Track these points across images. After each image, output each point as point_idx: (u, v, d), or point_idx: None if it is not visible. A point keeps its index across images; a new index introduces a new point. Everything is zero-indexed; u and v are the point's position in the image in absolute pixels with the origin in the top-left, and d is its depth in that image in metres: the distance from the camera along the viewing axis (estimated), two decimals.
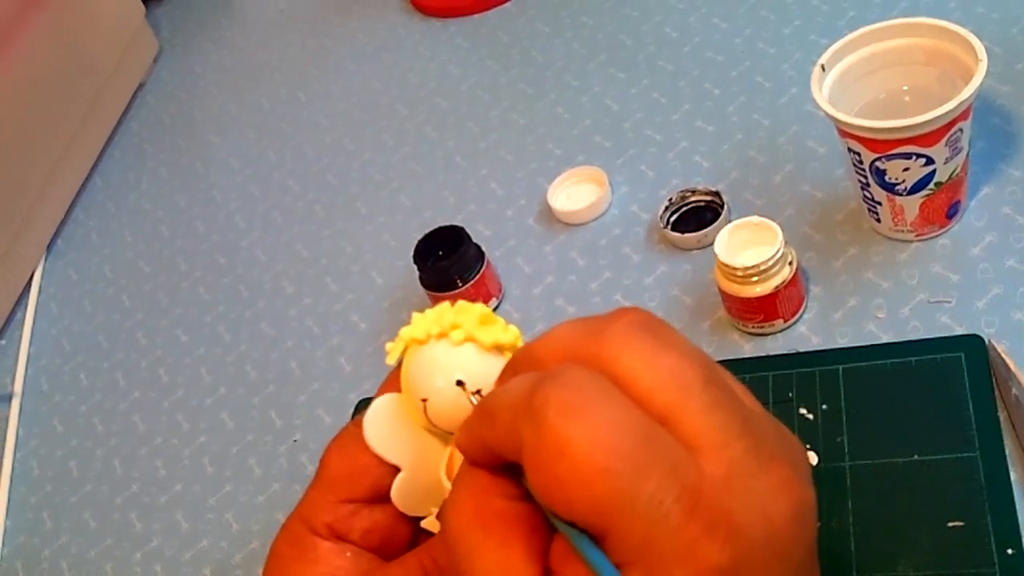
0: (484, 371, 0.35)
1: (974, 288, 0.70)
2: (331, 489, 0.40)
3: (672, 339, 0.32)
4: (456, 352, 0.37)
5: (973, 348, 0.66)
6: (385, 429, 0.39)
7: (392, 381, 0.40)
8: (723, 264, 0.71)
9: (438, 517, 0.40)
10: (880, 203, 0.73)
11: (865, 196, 0.73)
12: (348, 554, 0.39)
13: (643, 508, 0.28)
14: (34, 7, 1.17)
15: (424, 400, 0.37)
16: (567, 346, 0.32)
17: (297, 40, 1.31)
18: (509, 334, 0.37)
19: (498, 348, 0.37)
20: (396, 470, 0.39)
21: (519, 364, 0.34)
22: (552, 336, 0.33)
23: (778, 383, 0.69)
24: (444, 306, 0.38)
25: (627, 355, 0.31)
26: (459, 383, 0.36)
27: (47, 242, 1.17)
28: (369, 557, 0.39)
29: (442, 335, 0.37)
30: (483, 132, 1.03)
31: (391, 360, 0.39)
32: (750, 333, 0.74)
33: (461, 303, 0.38)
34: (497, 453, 0.32)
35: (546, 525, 0.32)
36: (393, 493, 0.39)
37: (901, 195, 0.71)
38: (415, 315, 0.39)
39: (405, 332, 0.38)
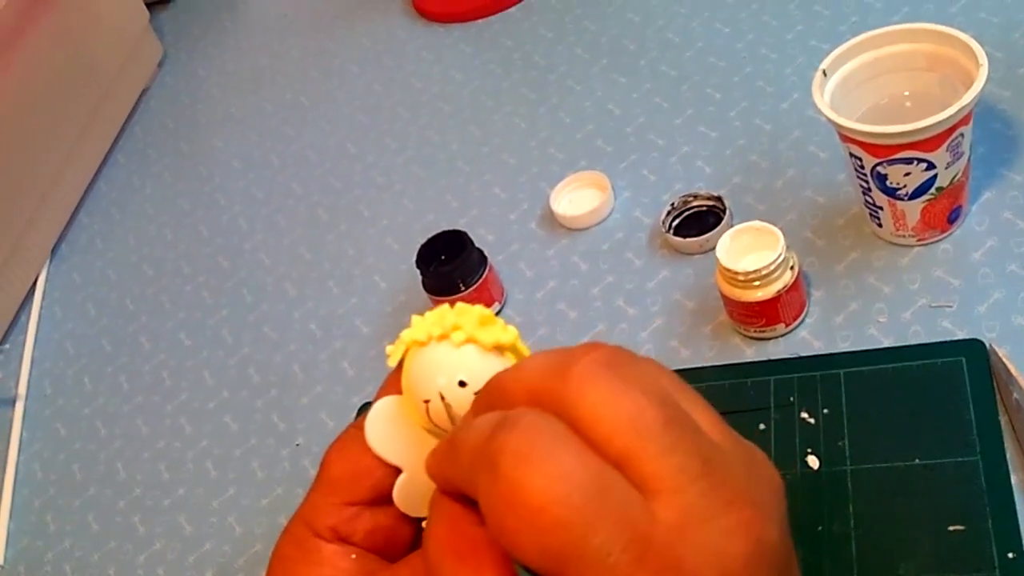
0: (485, 371, 0.36)
1: (975, 293, 0.70)
2: (333, 491, 0.40)
3: (635, 377, 0.32)
4: (458, 353, 0.37)
5: (974, 352, 0.66)
6: (386, 431, 0.39)
7: (391, 383, 0.40)
8: (725, 269, 0.71)
9: None
10: (881, 208, 0.73)
11: (867, 201, 0.73)
12: (352, 556, 0.39)
13: (591, 558, 0.29)
14: (38, 12, 1.17)
15: (427, 401, 0.37)
16: (533, 382, 0.33)
17: (300, 44, 1.31)
18: (508, 334, 0.38)
19: (499, 348, 0.37)
20: (397, 471, 0.39)
21: (491, 395, 0.35)
22: (521, 370, 0.34)
23: (780, 387, 0.70)
24: (444, 308, 0.39)
25: (588, 396, 0.31)
26: (461, 383, 0.36)
27: (51, 246, 1.18)
28: (373, 559, 0.40)
29: (443, 337, 0.37)
30: (486, 136, 1.03)
31: (392, 362, 0.39)
32: (752, 337, 0.74)
33: (460, 305, 0.39)
34: (461, 491, 0.33)
35: None
36: (395, 494, 0.39)
37: (902, 200, 0.71)
38: (414, 317, 0.39)
39: (406, 334, 0.39)
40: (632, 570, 0.29)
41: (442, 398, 0.37)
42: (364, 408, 0.82)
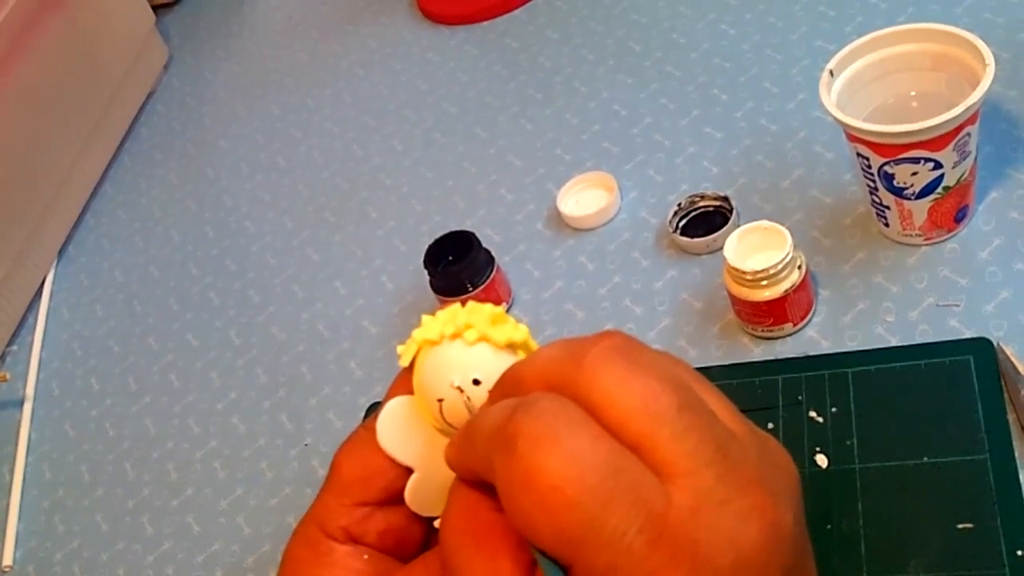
0: (498, 369, 0.36)
1: (982, 291, 0.71)
2: (345, 492, 0.40)
3: (649, 363, 0.32)
4: (470, 352, 0.37)
5: (982, 351, 0.66)
6: (398, 431, 0.39)
7: (401, 383, 0.40)
8: (732, 268, 0.71)
9: None
10: (888, 207, 0.73)
11: (873, 200, 0.74)
12: (365, 557, 0.39)
13: (606, 539, 0.29)
14: (45, 15, 1.17)
15: (440, 400, 0.37)
16: (548, 370, 0.33)
17: (306, 47, 1.31)
18: (520, 332, 0.38)
19: (511, 346, 0.37)
20: (409, 471, 0.39)
21: (506, 385, 0.35)
22: (536, 359, 0.34)
23: (788, 386, 0.70)
24: (455, 307, 0.39)
25: (602, 381, 0.31)
26: (475, 382, 0.37)
27: (59, 247, 1.18)
28: (385, 559, 0.40)
29: (456, 335, 0.37)
30: (492, 138, 1.04)
31: (404, 362, 0.39)
32: (759, 337, 0.74)
33: (471, 303, 0.39)
34: (479, 476, 0.33)
35: None
36: (407, 494, 0.39)
37: (909, 199, 0.71)
38: (425, 317, 0.39)
39: (417, 334, 0.39)
40: (647, 552, 0.29)
41: (461, 393, 0.37)
42: (372, 409, 0.82)
